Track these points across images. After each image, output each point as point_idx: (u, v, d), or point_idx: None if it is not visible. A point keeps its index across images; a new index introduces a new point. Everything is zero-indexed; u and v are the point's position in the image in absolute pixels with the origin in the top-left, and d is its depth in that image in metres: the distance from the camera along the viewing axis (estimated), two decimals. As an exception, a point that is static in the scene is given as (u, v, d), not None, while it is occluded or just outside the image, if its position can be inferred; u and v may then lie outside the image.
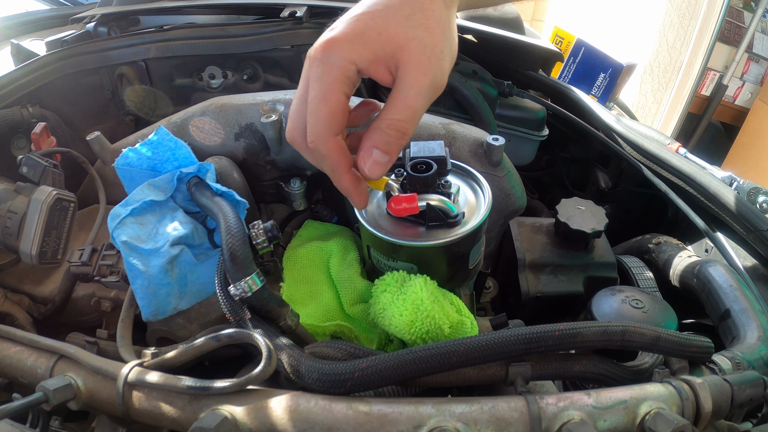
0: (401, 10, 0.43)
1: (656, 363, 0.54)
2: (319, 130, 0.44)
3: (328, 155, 0.45)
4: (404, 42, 0.43)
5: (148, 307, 0.58)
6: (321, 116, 0.44)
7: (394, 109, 0.44)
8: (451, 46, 0.46)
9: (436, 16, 0.45)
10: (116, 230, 0.58)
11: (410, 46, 0.43)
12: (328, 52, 0.43)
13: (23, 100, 0.90)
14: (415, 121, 0.45)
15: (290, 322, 0.54)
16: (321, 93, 0.43)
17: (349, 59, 0.43)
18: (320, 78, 0.43)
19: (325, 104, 0.43)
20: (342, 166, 0.46)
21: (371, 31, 0.43)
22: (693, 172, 0.91)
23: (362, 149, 0.46)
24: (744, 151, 3.03)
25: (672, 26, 2.87)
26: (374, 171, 0.46)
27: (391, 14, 0.43)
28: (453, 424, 0.41)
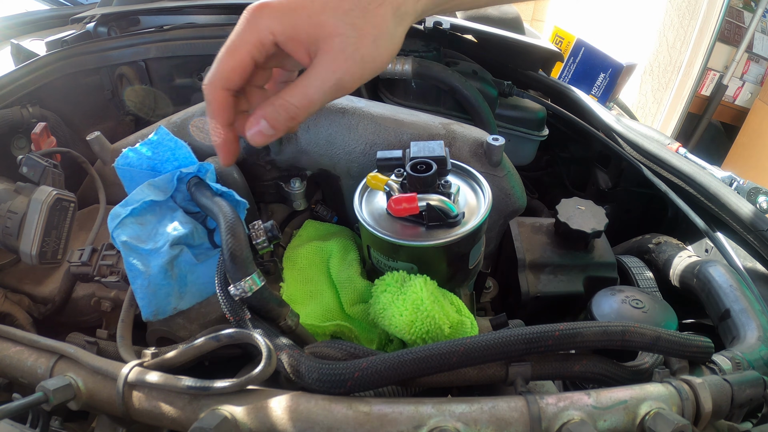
0: (344, 2, 0.43)
1: (656, 363, 0.54)
2: (214, 78, 0.45)
3: (211, 103, 0.47)
4: (330, 34, 0.43)
5: (148, 307, 0.58)
6: (221, 67, 0.45)
7: (294, 92, 0.45)
8: (379, 55, 0.45)
9: (377, 20, 0.44)
10: (116, 230, 0.58)
11: (333, 41, 0.43)
12: (256, 14, 0.44)
13: (23, 100, 0.90)
14: (310, 111, 0.46)
15: (290, 322, 0.54)
16: (232, 46, 0.44)
17: (270, 28, 0.43)
18: (239, 33, 0.44)
19: (229, 57, 0.45)
20: (219, 119, 0.47)
21: (304, 10, 0.43)
22: (693, 172, 0.91)
23: (253, 115, 0.47)
24: (744, 151, 3.03)
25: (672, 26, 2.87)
26: (255, 139, 0.47)
27: (332, 3, 0.43)
28: (453, 424, 0.41)
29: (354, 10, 0.43)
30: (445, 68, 0.98)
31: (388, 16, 0.44)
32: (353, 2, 0.43)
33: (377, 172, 0.59)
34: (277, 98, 0.46)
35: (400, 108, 0.76)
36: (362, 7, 0.43)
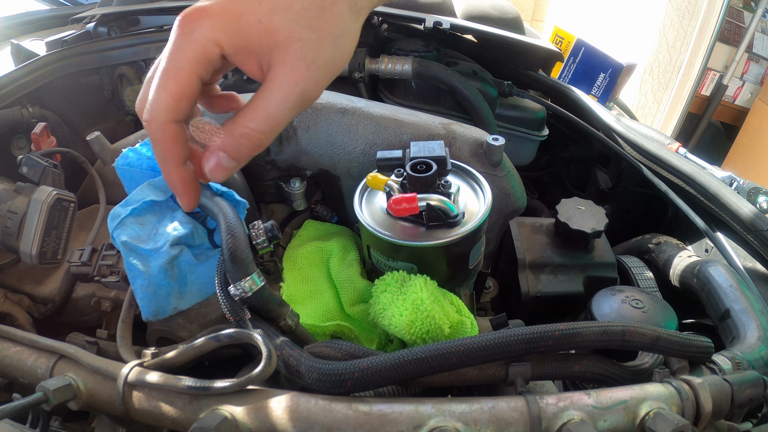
0: (295, 2, 0.37)
1: (656, 363, 0.54)
2: (157, 111, 0.37)
3: (160, 142, 0.39)
4: (285, 40, 0.37)
5: (148, 307, 0.58)
6: (163, 96, 0.37)
7: (253, 116, 0.39)
8: (340, 56, 0.41)
9: (334, 18, 0.39)
10: (116, 230, 0.58)
11: (291, 47, 0.37)
12: (192, 24, 0.36)
13: (23, 100, 0.90)
14: (275, 133, 0.40)
15: (290, 322, 0.54)
16: (171, 69, 0.37)
17: (214, 39, 0.36)
18: (177, 50, 0.37)
19: (172, 82, 0.37)
20: (173, 158, 0.40)
21: (251, 15, 0.37)
22: (693, 172, 0.91)
23: (208, 149, 0.41)
24: (744, 151, 3.03)
25: (672, 26, 2.87)
26: (216, 175, 0.41)
27: (282, 3, 0.37)
28: (453, 424, 0.41)
29: (309, 9, 0.38)
30: (445, 68, 0.98)
31: (345, 12, 0.40)
32: (306, 0, 0.38)
33: (377, 172, 0.59)
34: (234, 125, 0.40)
35: (400, 108, 0.76)
36: (317, 6, 0.38)
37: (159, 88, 0.37)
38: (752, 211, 0.79)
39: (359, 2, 0.41)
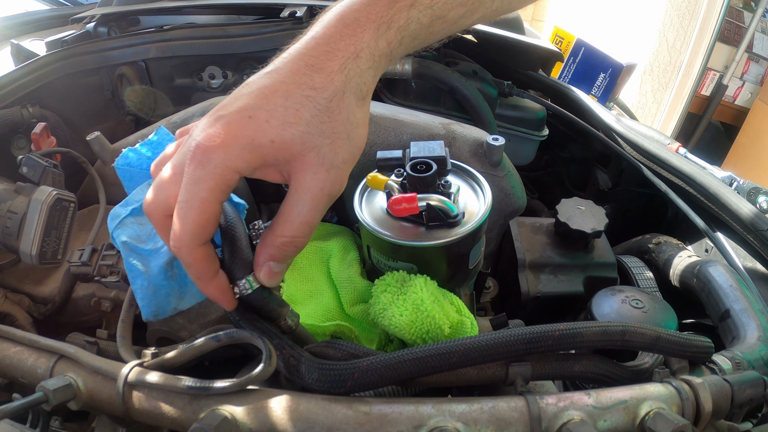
0: (302, 110, 0.38)
1: (656, 363, 0.54)
2: (186, 238, 0.39)
3: (192, 264, 0.41)
4: (301, 151, 0.38)
5: (148, 308, 0.58)
6: (189, 225, 0.38)
7: (288, 226, 0.41)
8: (357, 147, 0.42)
9: (344, 116, 0.40)
10: (116, 230, 0.58)
11: (308, 157, 0.39)
12: (208, 155, 0.37)
13: (23, 100, 0.90)
14: (311, 232, 0.42)
15: (290, 322, 0.54)
16: (194, 200, 0.38)
17: (231, 167, 0.37)
18: (197, 182, 0.37)
19: (195, 212, 0.38)
20: (207, 275, 0.42)
21: (262, 136, 0.37)
22: (693, 172, 0.91)
23: (258, 262, 0.43)
24: (744, 151, 3.03)
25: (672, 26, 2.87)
26: (273, 280, 0.44)
27: (290, 115, 0.38)
28: (453, 424, 0.41)
29: (317, 116, 0.39)
30: (445, 68, 0.98)
31: (353, 104, 0.40)
32: (314, 107, 0.38)
33: (377, 172, 0.59)
34: (275, 237, 0.41)
35: (400, 108, 0.76)
36: (325, 108, 0.39)
37: (183, 219, 0.38)
38: (752, 211, 0.79)
39: (365, 89, 0.42)
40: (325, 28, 0.41)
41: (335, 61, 0.39)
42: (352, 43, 0.40)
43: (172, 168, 0.40)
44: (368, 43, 0.40)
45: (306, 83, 0.39)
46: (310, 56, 0.40)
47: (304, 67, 0.39)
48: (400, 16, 0.41)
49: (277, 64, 0.40)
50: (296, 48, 0.41)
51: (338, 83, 0.39)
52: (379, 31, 0.41)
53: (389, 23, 0.41)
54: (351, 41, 0.40)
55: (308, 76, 0.39)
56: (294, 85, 0.39)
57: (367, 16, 0.40)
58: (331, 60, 0.39)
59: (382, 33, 0.41)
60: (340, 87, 0.39)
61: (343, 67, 0.40)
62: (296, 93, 0.38)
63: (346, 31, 0.40)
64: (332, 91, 0.39)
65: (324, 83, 0.39)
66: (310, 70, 0.39)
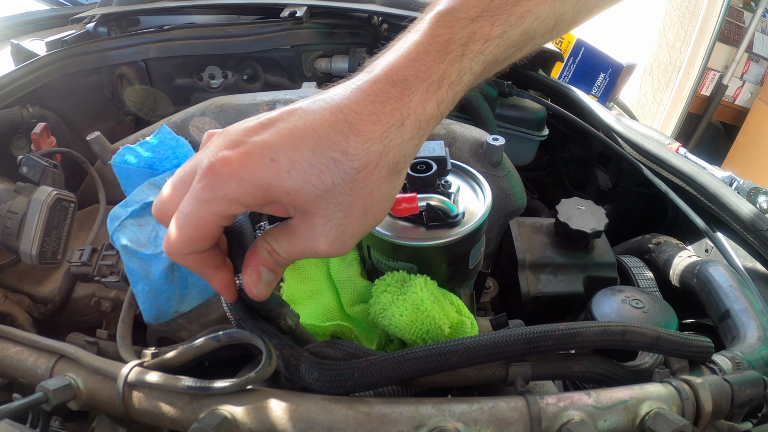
0: (326, 174, 0.35)
1: (656, 363, 0.54)
2: (177, 247, 0.38)
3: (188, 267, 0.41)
4: (312, 212, 0.36)
5: (149, 311, 0.58)
6: (184, 237, 0.37)
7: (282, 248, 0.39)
8: (373, 221, 0.39)
9: (368, 190, 0.36)
10: (116, 233, 0.58)
11: (316, 221, 0.37)
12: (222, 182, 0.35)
13: (23, 100, 0.90)
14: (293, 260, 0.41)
15: (290, 322, 0.54)
16: (194, 217, 0.36)
17: (241, 202, 0.36)
18: (201, 202, 0.36)
19: (193, 229, 0.37)
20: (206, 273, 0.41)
21: (280, 185, 0.35)
22: (693, 172, 0.91)
23: (249, 266, 0.41)
24: (744, 151, 3.04)
25: (672, 26, 2.87)
26: (262, 292, 0.41)
27: (313, 175, 0.35)
28: (453, 424, 0.41)
29: (339, 185, 0.35)
30: (445, 68, 0.98)
31: (382, 179, 0.37)
32: (338, 174, 0.35)
33: (377, 172, 0.59)
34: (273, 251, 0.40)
35: (400, 108, 0.75)
36: (350, 180, 0.35)
37: (179, 230, 0.37)
38: (752, 211, 0.79)
39: (401, 162, 0.37)
40: (372, 83, 0.37)
41: (377, 126, 0.36)
42: (398, 108, 0.36)
43: (183, 175, 0.39)
44: (415, 108, 0.36)
45: (339, 144, 0.35)
46: (351, 111, 0.36)
47: (343, 122, 0.35)
48: (452, 70, 0.37)
49: (317, 105, 0.37)
50: (340, 94, 0.37)
51: (373, 154, 0.36)
52: (429, 92, 0.37)
53: (440, 81, 0.37)
54: (397, 105, 0.36)
55: (344, 135, 0.35)
56: (326, 141, 0.35)
57: (416, 74, 0.36)
58: (373, 124, 0.36)
59: (432, 93, 0.37)
60: (374, 159, 0.36)
61: (383, 137, 0.36)
62: (326, 151, 0.35)
63: (393, 91, 0.36)
64: (364, 161, 0.35)
65: (358, 150, 0.35)
66: (347, 129, 0.35)
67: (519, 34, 0.39)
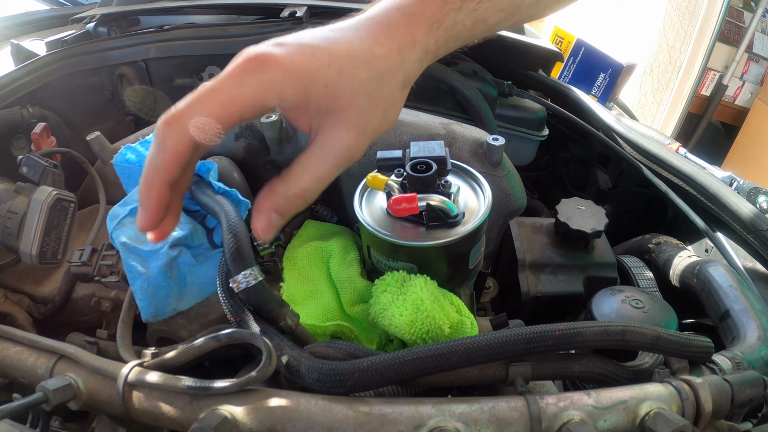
0: (360, 69, 0.39)
1: (656, 363, 0.54)
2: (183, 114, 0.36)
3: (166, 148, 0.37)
4: (345, 106, 0.39)
5: (147, 309, 0.58)
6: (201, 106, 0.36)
7: (305, 177, 0.40)
8: (385, 125, 0.43)
9: (389, 90, 0.41)
10: (115, 231, 0.58)
11: (348, 114, 0.39)
12: (261, 67, 0.36)
13: (23, 100, 0.90)
14: (321, 189, 0.41)
15: (290, 322, 0.54)
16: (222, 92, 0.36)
17: (278, 92, 0.36)
18: (234, 82, 0.36)
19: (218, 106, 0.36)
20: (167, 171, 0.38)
21: (319, 76, 0.37)
22: (693, 172, 0.91)
23: (259, 208, 0.40)
24: (744, 151, 3.03)
25: (672, 26, 2.87)
26: (268, 233, 0.41)
27: (350, 68, 0.38)
28: (453, 424, 0.41)
29: (371, 80, 0.40)
30: (445, 68, 0.98)
31: (398, 85, 0.42)
32: (370, 71, 0.39)
33: (377, 172, 0.59)
34: (287, 186, 0.40)
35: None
36: (378, 77, 0.40)
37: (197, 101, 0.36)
38: (752, 211, 0.79)
39: (409, 77, 0.43)
40: (383, 13, 0.41)
41: (394, 41, 0.40)
42: (410, 33, 0.41)
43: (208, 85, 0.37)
44: (421, 37, 0.42)
45: (369, 49, 0.40)
46: (372, 30, 0.40)
47: (367, 37, 0.40)
48: (449, 18, 0.42)
49: (338, 27, 0.41)
50: (357, 21, 0.41)
51: (394, 62, 0.41)
52: (431, 28, 0.42)
53: (439, 23, 0.42)
54: (408, 31, 0.41)
55: (370, 44, 0.40)
56: (359, 45, 0.39)
57: (422, 12, 0.41)
58: (391, 40, 0.40)
59: (433, 31, 0.42)
60: (394, 65, 0.41)
61: (400, 50, 0.41)
62: (359, 52, 0.39)
63: (403, 20, 0.41)
64: (387, 65, 0.40)
65: (384, 56, 0.40)
66: (372, 42, 0.40)
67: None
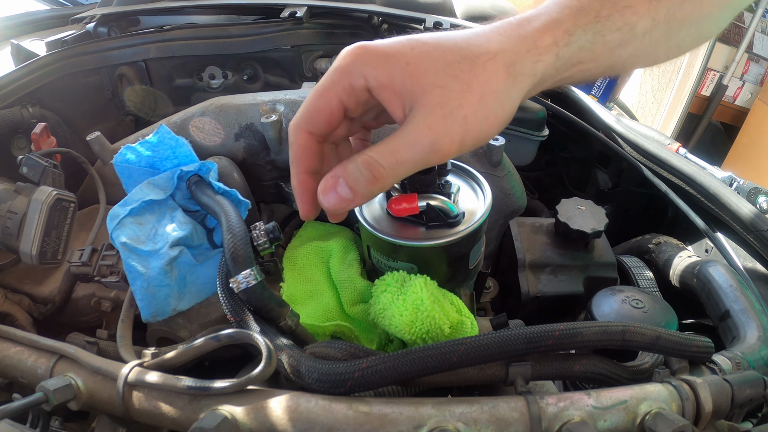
0: (447, 53, 0.37)
1: (656, 363, 0.54)
2: (299, 117, 0.41)
3: (292, 145, 0.43)
4: (429, 85, 0.37)
5: (147, 309, 0.58)
6: (306, 106, 0.41)
7: (381, 149, 0.39)
8: (485, 117, 0.38)
9: (484, 78, 0.37)
10: (115, 231, 0.58)
11: (432, 93, 0.37)
12: (350, 56, 0.39)
13: (23, 100, 0.90)
14: (398, 174, 0.39)
15: (290, 322, 0.54)
16: (321, 88, 0.40)
17: (362, 73, 0.38)
18: (329, 74, 0.40)
19: (317, 98, 0.40)
20: (298, 164, 0.43)
21: (401, 56, 0.37)
22: (693, 172, 0.91)
23: (330, 173, 0.40)
24: (744, 151, 3.03)
25: (672, 26, 2.86)
26: (329, 201, 0.40)
27: (437, 51, 0.37)
28: (453, 424, 0.41)
29: (460, 63, 0.37)
30: (445, 68, 0.98)
31: (501, 72, 0.37)
32: (459, 53, 0.37)
33: (377, 172, 0.59)
34: (360, 154, 0.39)
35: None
36: (470, 59, 0.37)
37: (305, 102, 0.41)
38: (752, 212, 0.79)
39: (519, 67, 0.38)
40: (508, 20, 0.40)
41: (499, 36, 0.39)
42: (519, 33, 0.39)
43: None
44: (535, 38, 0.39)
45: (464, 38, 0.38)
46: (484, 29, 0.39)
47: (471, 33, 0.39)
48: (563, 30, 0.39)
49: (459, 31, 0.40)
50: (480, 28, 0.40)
51: (494, 47, 0.38)
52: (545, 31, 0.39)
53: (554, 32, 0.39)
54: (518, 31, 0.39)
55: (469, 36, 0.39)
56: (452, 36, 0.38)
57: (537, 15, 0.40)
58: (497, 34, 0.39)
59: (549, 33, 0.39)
60: (494, 50, 0.38)
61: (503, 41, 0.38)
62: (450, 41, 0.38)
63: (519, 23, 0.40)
64: (485, 49, 0.38)
65: (480, 41, 0.38)
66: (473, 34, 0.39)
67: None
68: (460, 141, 0.38)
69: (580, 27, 0.39)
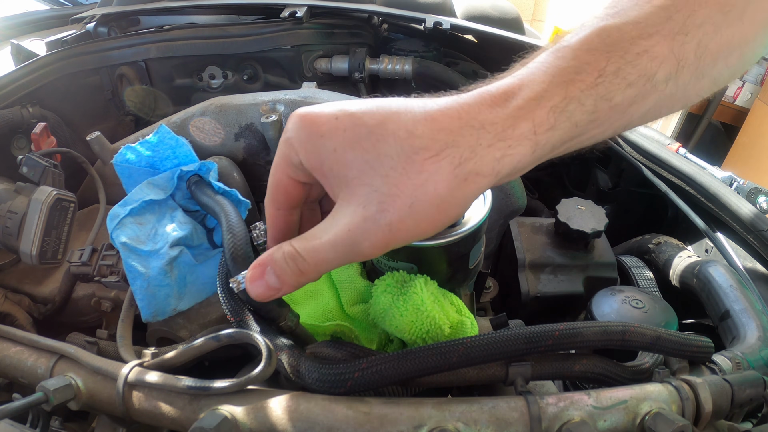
0: (382, 144, 0.32)
1: (656, 363, 0.54)
2: (267, 194, 0.41)
3: (266, 219, 0.43)
4: (354, 180, 0.33)
5: (147, 309, 0.58)
6: (269, 182, 0.40)
7: (305, 245, 0.36)
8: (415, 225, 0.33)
9: (421, 179, 0.31)
10: (115, 231, 0.58)
11: (356, 191, 0.33)
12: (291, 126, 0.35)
13: (23, 100, 0.90)
14: (320, 271, 0.37)
15: (290, 322, 0.54)
16: (274, 163, 0.39)
17: (296, 148, 0.35)
18: (278, 148, 0.38)
19: (272, 175, 0.39)
20: (270, 237, 0.43)
21: (330, 140, 0.33)
22: (693, 172, 0.91)
23: (259, 260, 0.39)
24: (744, 151, 3.03)
25: (672, 26, 2.86)
26: (257, 290, 0.39)
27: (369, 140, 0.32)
28: (453, 424, 0.41)
29: (392, 158, 0.31)
30: (446, 68, 0.98)
31: (442, 174, 0.31)
32: (396, 146, 0.31)
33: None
34: (286, 243, 0.37)
35: (400, 108, 0.75)
36: (406, 156, 0.31)
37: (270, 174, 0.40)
38: (752, 212, 0.79)
39: (470, 165, 0.32)
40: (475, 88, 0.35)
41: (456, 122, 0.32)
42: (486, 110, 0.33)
43: None
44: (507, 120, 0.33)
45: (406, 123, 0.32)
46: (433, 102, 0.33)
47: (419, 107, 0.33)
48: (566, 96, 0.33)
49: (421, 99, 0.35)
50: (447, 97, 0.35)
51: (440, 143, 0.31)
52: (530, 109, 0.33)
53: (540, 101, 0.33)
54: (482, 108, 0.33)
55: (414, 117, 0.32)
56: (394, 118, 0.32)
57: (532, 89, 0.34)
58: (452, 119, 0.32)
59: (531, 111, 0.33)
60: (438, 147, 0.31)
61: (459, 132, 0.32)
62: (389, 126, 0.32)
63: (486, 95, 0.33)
64: (426, 144, 0.31)
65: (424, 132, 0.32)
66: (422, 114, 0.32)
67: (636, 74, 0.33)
68: (384, 246, 0.34)
69: (574, 99, 0.32)
